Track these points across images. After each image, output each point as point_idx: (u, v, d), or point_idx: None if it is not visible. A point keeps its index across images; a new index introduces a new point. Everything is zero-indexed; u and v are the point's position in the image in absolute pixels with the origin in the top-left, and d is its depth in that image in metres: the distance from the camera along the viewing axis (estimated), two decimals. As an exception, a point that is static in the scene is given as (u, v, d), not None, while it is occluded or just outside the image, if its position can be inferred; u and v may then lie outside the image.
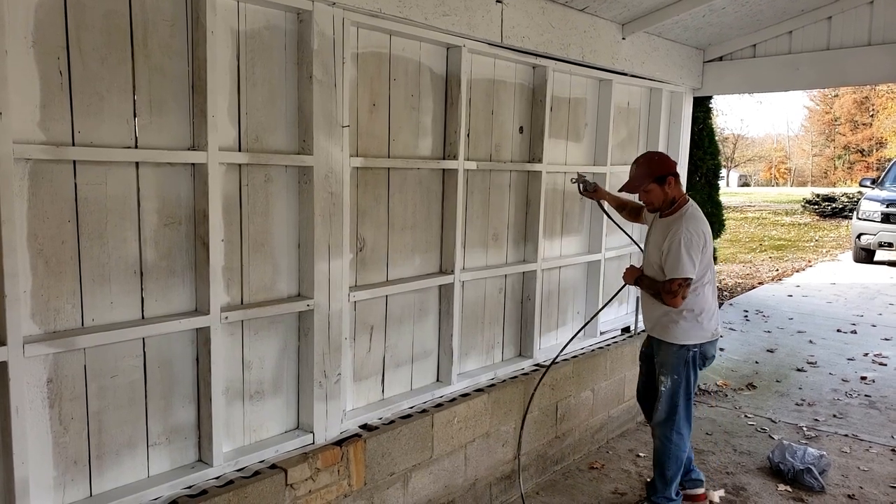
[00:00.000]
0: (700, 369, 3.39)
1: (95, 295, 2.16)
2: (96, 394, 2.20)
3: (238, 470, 2.52)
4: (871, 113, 39.37)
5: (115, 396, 2.25)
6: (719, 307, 8.40)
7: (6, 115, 1.86)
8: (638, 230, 4.39)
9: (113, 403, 2.24)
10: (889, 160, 21.06)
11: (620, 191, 3.44)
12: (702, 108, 7.10)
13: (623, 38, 4.16)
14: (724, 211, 8.16)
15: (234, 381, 2.57)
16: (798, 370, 6.14)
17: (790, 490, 3.86)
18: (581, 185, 3.75)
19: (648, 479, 3.67)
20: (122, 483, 2.28)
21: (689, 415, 3.41)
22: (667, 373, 3.37)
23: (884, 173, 13.98)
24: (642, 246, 3.62)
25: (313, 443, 2.75)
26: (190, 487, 2.38)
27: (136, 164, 2.22)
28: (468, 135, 3.44)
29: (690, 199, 3.35)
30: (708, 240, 3.27)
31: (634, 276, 3.40)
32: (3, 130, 1.85)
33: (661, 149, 4.92)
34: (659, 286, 3.23)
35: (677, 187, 3.29)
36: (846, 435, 4.69)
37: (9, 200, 1.88)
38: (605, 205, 3.87)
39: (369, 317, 3.08)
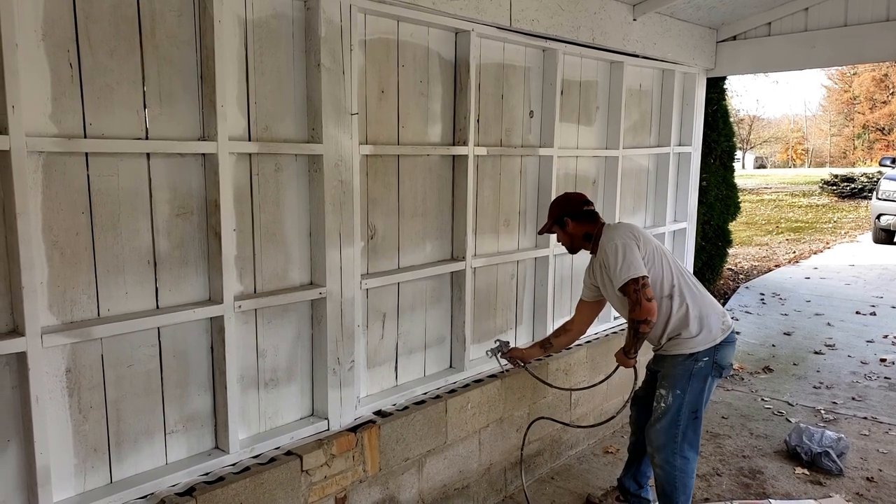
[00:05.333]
0: (715, 381, 3.03)
1: (110, 285, 2.19)
2: (114, 383, 2.23)
3: (254, 457, 2.55)
4: (890, 90, 38.64)
5: (133, 385, 2.28)
6: (735, 291, 8.37)
7: (18, 109, 1.88)
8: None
9: (130, 392, 2.28)
10: (910, 139, 20.69)
11: (539, 233, 3.37)
12: (716, 89, 7.00)
13: (634, 20, 4.11)
14: (740, 193, 8.07)
15: (249, 369, 2.60)
16: (816, 353, 6.09)
17: (808, 473, 3.84)
18: (499, 353, 3.38)
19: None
20: (140, 470, 2.32)
21: (696, 437, 3.04)
22: (668, 386, 3.01)
23: (904, 152, 13.73)
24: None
25: (328, 429, 2.78)
26: (207, 474, 2.41)
27: (148, 154, 2.23)
28: (478, 120, 3.42)
29: (605, 224, 3.14)
30: (641, 236, 2.99)
31: (622, 353, 3.08)
32: (15, 123, 1.87)
33: (674, 130, 4.87)
34: (629, 319, 2.94)
35: (581, 225, 3.13)
36: (865, 417, 4.65)
37: (23, 193, 1.91)
38: (528, 367, 3.49)
39: (381, 304, 3.09)
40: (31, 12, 1.94)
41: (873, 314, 7.36)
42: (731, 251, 8.30)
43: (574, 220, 3.16)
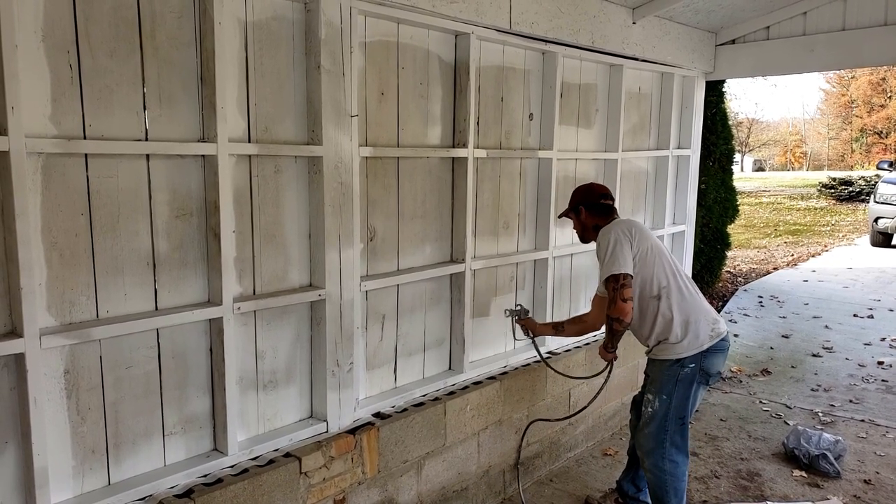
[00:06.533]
0: (701, 387, 3.03)
1: (109, 287, 2.18)
2: (112, 384, 2.23)
3: (253, 458, 2.55)
4: (888, 94, 38.73)
5: (131, 387, 2.27)
6: (733, 294, 8.38)
7: (18, 110, 1.87)
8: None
9: (129, 394, 2.27)
10: (907, 142, 20.75)
11: (558, 217, 3.52)
12: (714, 92, 7.02)
13: (633, 23, 4.12)
14: (739, 196, 8.08)
15: (248, 370, 2.60)
16: (814, 356, 6.10)
17: (805, 475, 3.84)
18: (516, 317, 3.53)
19: None
20: (139, 472, 2.32)
21: (684, 441, 3.05)
22: (655, 391, 3.03)
23: (902, 155, 13.76)
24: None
25: (327, 431, 2.78)
26: (205, 476, 2.41)
27: (147, 156, 2.23)
28: (477, 122, 3.42)
29: (617, 218, 3.19)
30: (637, 233, 3.01)
31: (602, 347, 3.15)
32: (15, 125, 1.87)
33: (673, 133, 4.88)
34: (606, 315, 2.97)
35: (593, 216, 3.20)
36: (863, 420, 4.66)
37: (22, 194, 1.90)
38: (536, 340, 3.62)
39: (381, 306, 3.09)
40: (32, 13, 1.93)
41: (871, 317, 7.37)
42: (729, 254, 8.31)
43: (588, 210, 3.23)
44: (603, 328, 3.31)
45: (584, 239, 3.32)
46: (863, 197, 18.47)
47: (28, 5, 1.92)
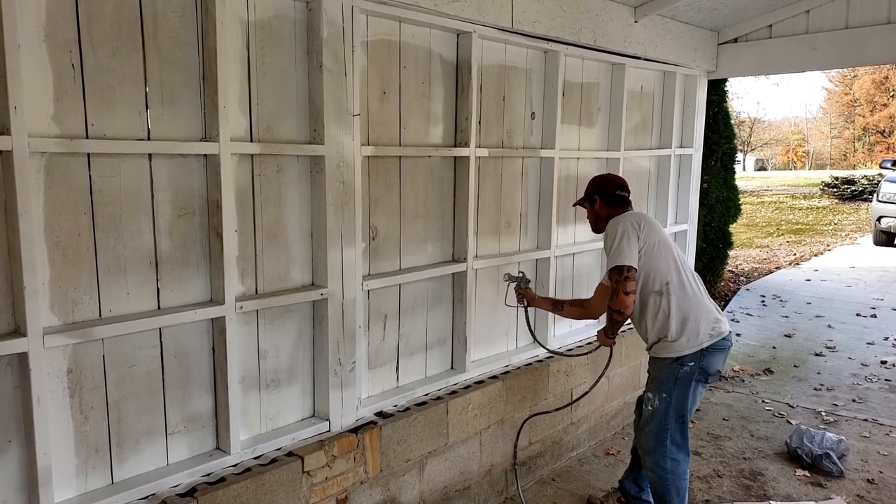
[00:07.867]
0: (701, 386, 3.02)
1: (112, 286, 2.19)
2: (115, 383, 2.23)
3: (255, 458, 2.55)
4: (891, 93, 38.64)
5: (134, 386, 2.28)
6: (735, 293, 8.37)
7: (21, 110, 1.88)
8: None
9: (132, 393, 2.27)
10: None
11: (573, 205, 3.53)
12: (717, 91, 7.01)
13: (635, 22, 4.11)
14: (741, 195, 8.07)
15: (250, 370, 2.60)
16: (816, 355, 6.08)
17: (808, 475, 3.83)
18: (515, 284, 3.49)
19: None
20: (142, 471, 2.32)
21: (685, 440, 3.04)
22: (654, 389, 3.04)
23: (905, 154, 13.75)
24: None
25: (329, 430, 2.78)
26: (208, 475, 2.41)
27: (149, 155, 2.23)
28: (479, 122, 3.42)
29: (630, 210, 3.20)
30: (646, 226, 3.00)
31: (602, 333, 3.19)
32: (18, 124, 1.87)
33: (675, 132, 4.87)
34: (607, 304, 2.99)
35: (607, 207, 3.21)
36: (866, 419, 4.65)
37: (25, 193, 1.91)
38: (528, 310, 3.58)
39: (383, 305, 3.09)
40: (34, 13, 1.94)
41: (874, 316, 7.36)
42: (731, 253, 8.30)
43: (603, 200, 3.24)
44: (601, 317, 3.35)
45: (596, 229, 3.32)
46: (865, 196, 18.42)
47: (30, 4, 1.92)
